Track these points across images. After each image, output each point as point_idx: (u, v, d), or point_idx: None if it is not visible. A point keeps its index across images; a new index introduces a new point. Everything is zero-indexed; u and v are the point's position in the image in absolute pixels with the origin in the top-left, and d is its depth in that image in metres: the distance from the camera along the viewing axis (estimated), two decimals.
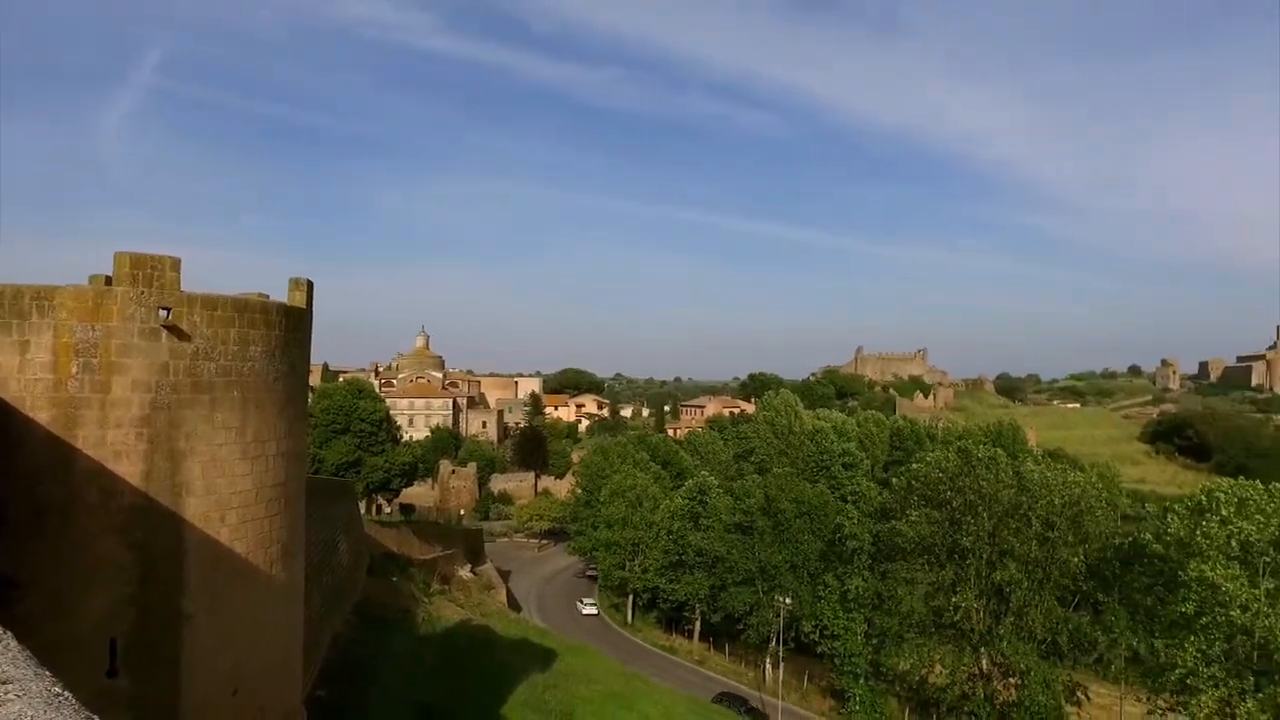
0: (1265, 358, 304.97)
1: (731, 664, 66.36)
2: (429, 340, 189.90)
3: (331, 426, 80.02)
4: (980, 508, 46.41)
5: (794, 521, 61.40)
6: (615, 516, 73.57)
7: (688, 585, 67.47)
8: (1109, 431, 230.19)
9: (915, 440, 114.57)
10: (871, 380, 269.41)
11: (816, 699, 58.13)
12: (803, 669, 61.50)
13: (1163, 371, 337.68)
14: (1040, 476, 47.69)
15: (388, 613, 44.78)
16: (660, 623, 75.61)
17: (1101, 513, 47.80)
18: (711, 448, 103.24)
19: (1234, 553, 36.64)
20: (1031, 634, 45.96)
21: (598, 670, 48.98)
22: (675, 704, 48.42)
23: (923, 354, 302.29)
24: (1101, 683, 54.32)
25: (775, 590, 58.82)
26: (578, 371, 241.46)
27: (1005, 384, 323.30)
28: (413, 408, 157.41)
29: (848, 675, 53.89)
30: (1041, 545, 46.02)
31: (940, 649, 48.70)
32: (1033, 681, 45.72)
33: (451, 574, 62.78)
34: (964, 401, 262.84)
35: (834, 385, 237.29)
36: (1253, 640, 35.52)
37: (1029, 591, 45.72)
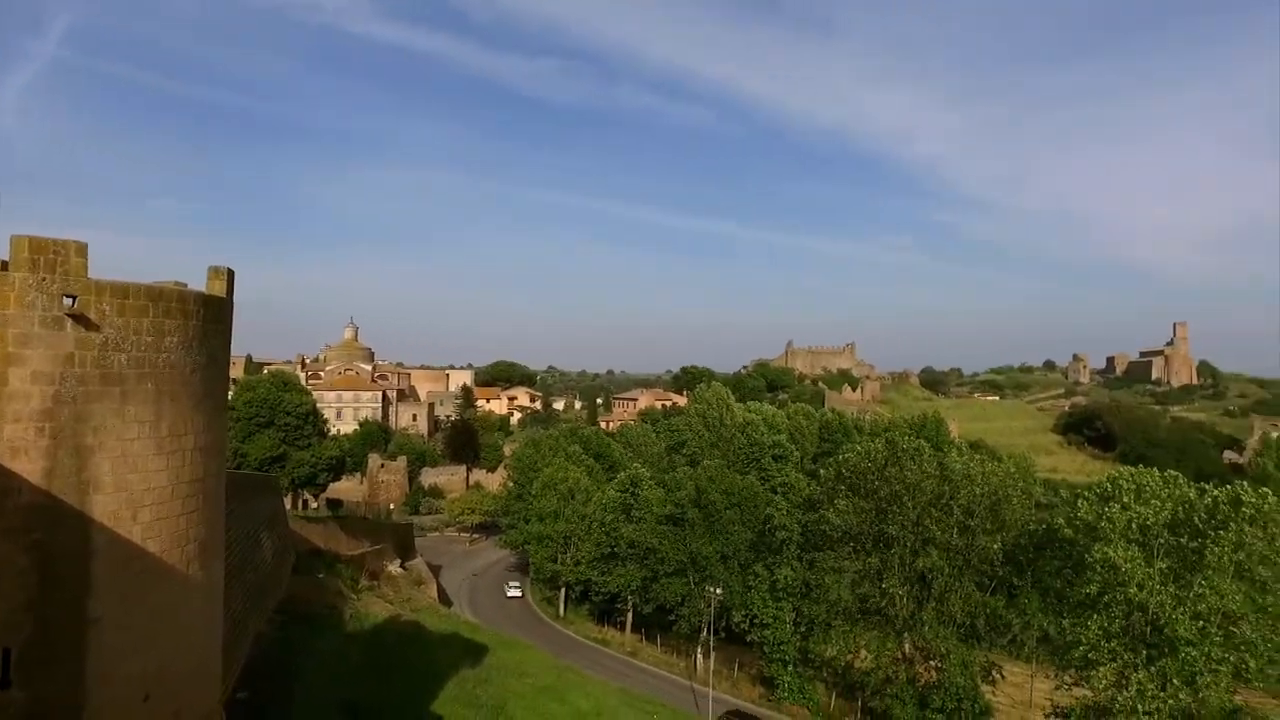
0: (1163, 353, 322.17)
1: (664, 654, 66.93)
2: (358, 332, 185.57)
3: (255, 420, 77.54)
4: (905, 497, 47.89)
5: (724, 513, 62.19)
6: (547, 509, 73.31)
7: (620, 577, 67.76)
8: (1025, 423, 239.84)
9: (843, 432, 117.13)
10: (801, 373, 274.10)
11: (747, 686, 59.11)
12: (733, 658, 62.42)
13: (1074, 366, 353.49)
14: (962, 467, 49.43)
15: (313, 610, 43.70)
16: (593, 615, 75.73)
17: (1017, 501, 49.82)
18: (644, 440, 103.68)
19: (1134, 536, 38.72)
20: (952, 618, 47.65)
21: (530, 664, 48.81)
22: (607, 696, 48.60)
23: (851, 348, 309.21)
24: (1015, 662, 56.75)
25: (706, 581, 59.53)
26: (510, 364, 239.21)
27: (929, 377, 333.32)
28: (341, 401, 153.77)
29: (777, 663, 54.94)
30: (962, 533, 47.75)
31: (866, 635, 50.13)
32: (952, 663, 47.46)
33: (380, 569, 61.63)
34: (890, 394, 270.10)
35: (765, 378, 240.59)
36: (1146, 616, 37.70)
37: (950, 578, 47.38)
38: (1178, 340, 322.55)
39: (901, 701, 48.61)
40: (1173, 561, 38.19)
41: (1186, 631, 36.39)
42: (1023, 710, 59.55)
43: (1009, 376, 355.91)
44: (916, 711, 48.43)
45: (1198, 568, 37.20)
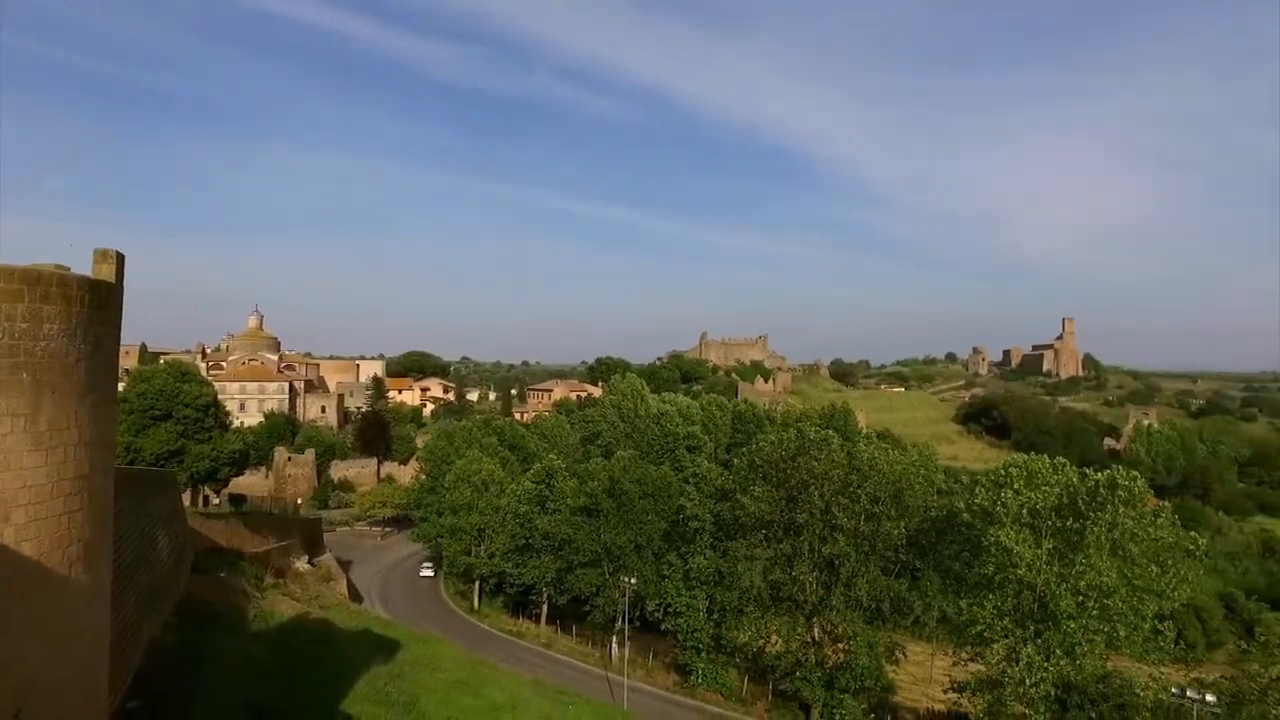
0: (1054, 347, 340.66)
1: (578, 645, 67.00)
2: (263, 320, 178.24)
3: (150, 413, 73.56)
4: (814, 486, 49.16)
5: (639, 503, 62.59)
6: (461, 502, 72.25)
7: (534, 569, 67.43)
8: (929, 413, 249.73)
9: (756, 423, 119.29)
10: (715, 365, 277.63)
11: (661, 674, 59.76)
12: (648, 646, 62.99)
13: (974, 359, 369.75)
14: (868, 456, 51.07)
15: (215, 611, 41.86)
16: (507, 607, 75.17)
17: (920, 488, 51.93)
18: (559, 431, 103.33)
19: (1025, 520, 40.97)
20: (858, 602, 49.24)
21: (443, 658, 48.06)
22: (521, 688, 48.32)
23: (764, 340, 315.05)
24: (917, 641, 59.23)
25: (620, 571, 59.84)
26: (423, 354, 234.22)
27: (839, 369, 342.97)
28: (245, 392, 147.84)
29: (691, 650, 55.74)
30: (868, 520, 49.35)
31: (777, 620, 51.33)
32: (858, 645, 49.11)
33: (287, 566, 59.57)
34: (801, 386, 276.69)
35: (679, 370, 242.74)
36: (1034, 594, 40.05)
37: (857, 563, 48.94)
38: (1066, 335, 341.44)
39: (810, 683, 50.08)
40: (1058, 542, 40.63)
41: (1068, 607, 38.91)
42: (924, 687, 62.25)
43: (914, 369, 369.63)
44: (824, 692, 50.00)
45: (1079, 547, 39.70)
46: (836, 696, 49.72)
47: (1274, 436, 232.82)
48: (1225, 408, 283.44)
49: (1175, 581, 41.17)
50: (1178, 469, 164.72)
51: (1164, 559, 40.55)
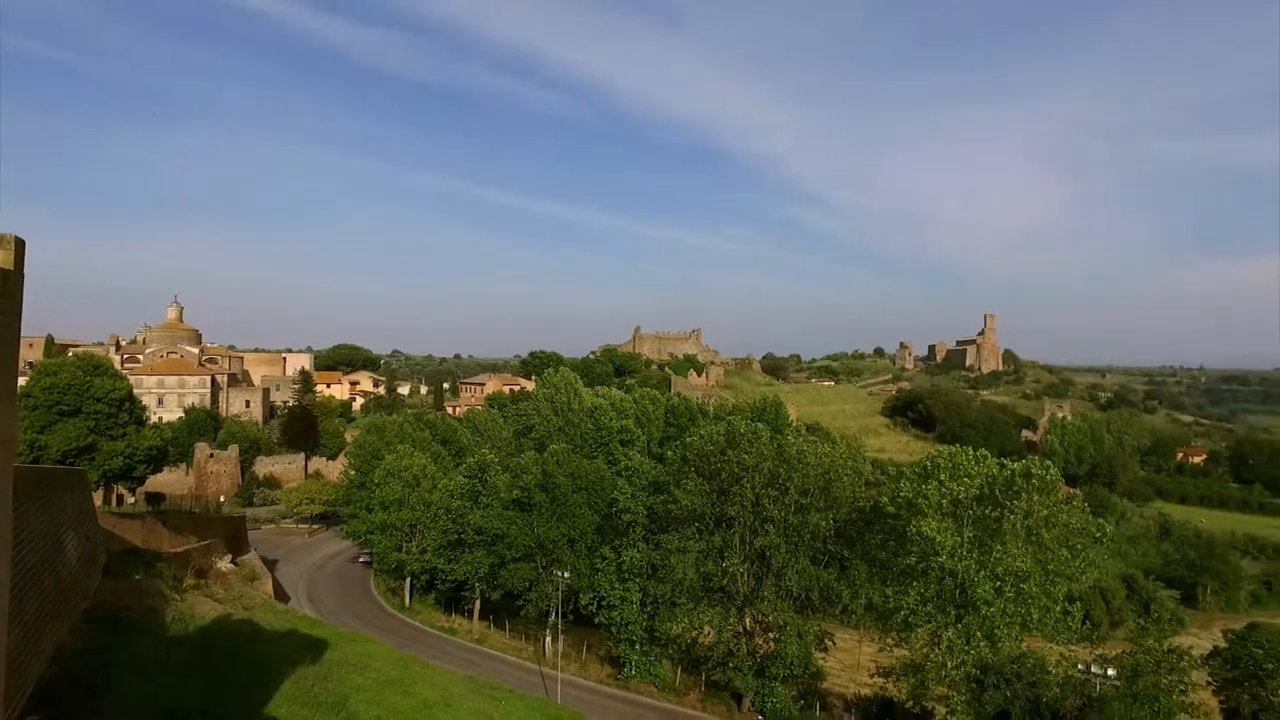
0: (976, 342, 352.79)
1: (512, 640, 66.70)
2: (182, 312, 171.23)
3: (57, 408, 70.08)
4: (744, 479, 49.93)
5: (572, 496, 62.57)
6: (391, 497, 70.98)
7: (467, 564, 66.80)
8: (857, 406, 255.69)
9: (688, 416, 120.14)
10: (648, 358, 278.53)
11: (595, 667, 59.97)
12: (581, 640, 63.10)
13: (901, 353, 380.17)
14: (796, 449, 52.09)
15: (129, 615, 40.19)
16: (439, 604, 74.29)
17: (848, 480, 53.11)
18: (491, 425, 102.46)
19: (947, 510, 42.51)
20: (789, 592, 50.25)
21: (373, 657, 47.19)
22: (454, 685, 47.83)
23: (697, 334, 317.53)
24: (845, 629, 60.66)
25: (554, 565, 59.76)
26: (352, 348, 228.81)
27: (771, 363, 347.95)
28: (163, 386, 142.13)
29: (624, 642, 56.05)
30: (797, 512, 50.36)
31: (709, 611, 51.99)
32: (788, 634, 50.12)
33: (209, 567, 57.54)
34: (733, 379, 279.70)
35: (613, 363, 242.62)
36: (956, 581, 41.65)
37: (786, 554, 49.90)
38: (987, 331, 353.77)
39: (742, 672, 50.95)
40: (978, 531, 42.30)
41: (986, 593, 40.64)
42: (852, 673, 64.03)
43: (843, 363, 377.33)
44: (756, 681, 50.96)
45: (997, 535, 41.43)
46: (767, 685, 50.72)
47: (1171, 427, 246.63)
48: (1130, 400, 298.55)
49: (1084, 565, 43.46)
50: (1087, 459, 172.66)
51: (1074, 544, 42.67)
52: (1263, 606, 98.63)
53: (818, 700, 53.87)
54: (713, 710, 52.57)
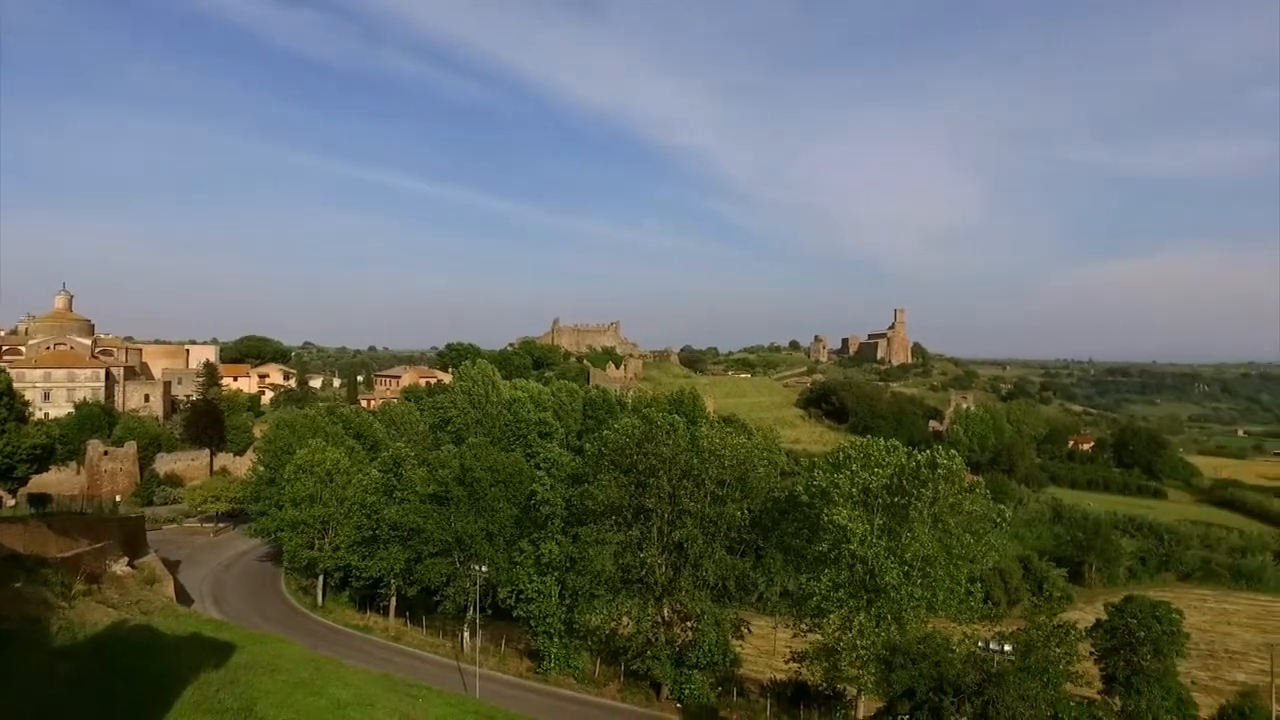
0: (887, 336, 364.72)
1: (429, 636, 65.74)
2: (72, 301, 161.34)
3: None
4: (661, 471, 50.41)
5: (490, 490, 61.99)
6: (302, 493, 68.80)
7: (382, 560, 65.41)
8: (773, 398, 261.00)
9: (606, 409, 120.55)
10: (567, 351, 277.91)
11: (514, 661, 59.65)
12: (500, 634, 62.66)
13: (815, 346, 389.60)
14: (712, 441, 52.88)
15: (7, 627, 37.78)
16: (354, 602, 72.54)
17: (763, 470, 54.26)
18: (407, 418, 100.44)
19: (858, 499, 44.00)
20: (706, 582, 50.99)
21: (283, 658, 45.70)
22: (369, 684, 46.78)
23: (615, 326, 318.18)
24: (761, 616, 62.07)
25: (471, 559, 59.11)
26: (261, 339, 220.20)
27: (689, 356, 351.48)
28: (50, 380, 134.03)
29: (543, 635, 55.92)
30: (714, 503, 51.13)
31: (628, 602, 52.36)
32: (706, 623, 50.93)
33: (102, 571, 54.61)
34: (652, 372, 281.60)
35: (531, 356, 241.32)
36: (866, 567, 43.21)
37: (703, 545, 50.62)
38: (897, 325, 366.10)
39: (661, 662, 51.53)
40: (887, 518, 43.95)
41: (894, 578, 42.33)
42: (768, 659, 65.51)
43: (760, 355, 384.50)
44: (674, 670, 51.62)
45: (905, 521, 43.14)
46: (686, 673, 51.45)
47: (1064, 417, 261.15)
48: (1028, 392, 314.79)
49: (985, 549, 45.71)
50: (989, 447, 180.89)
51: (976, 529, 44.83)
52: (1138, 580, 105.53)
53: (735, 686, 54.93)
54: (632, 700, 53.02)
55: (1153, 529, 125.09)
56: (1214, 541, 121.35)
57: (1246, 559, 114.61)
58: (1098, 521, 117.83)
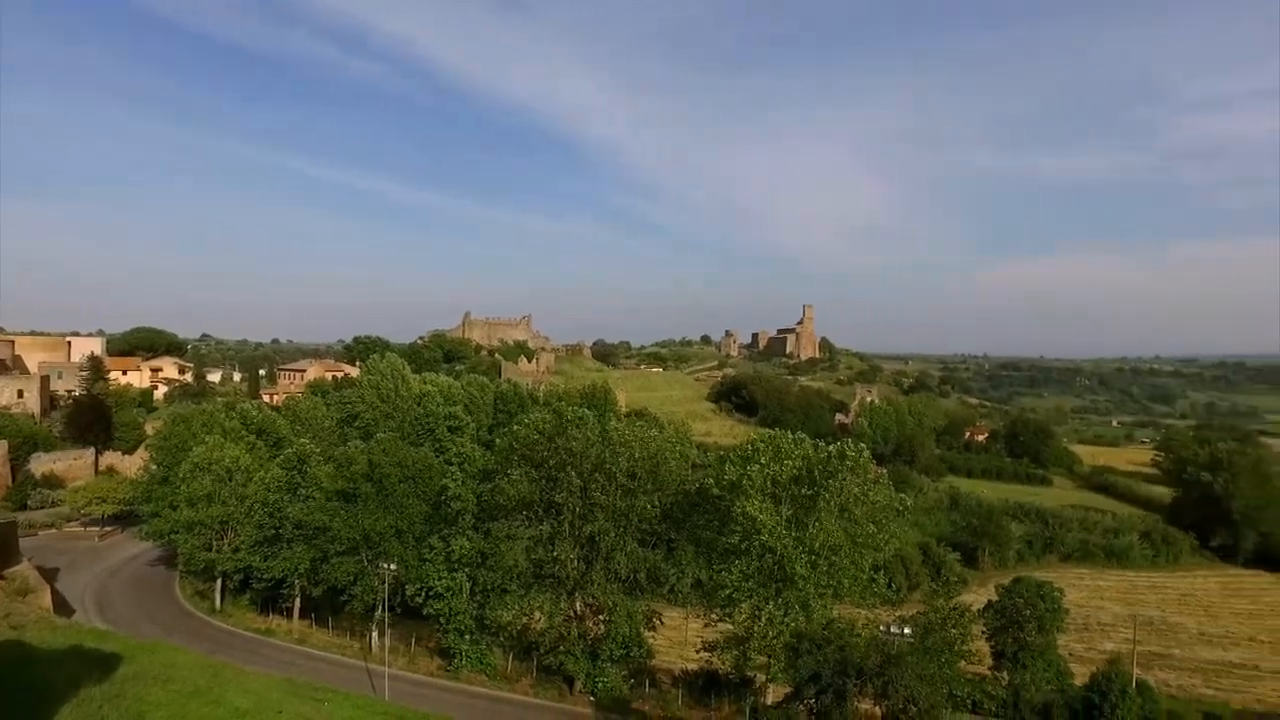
0: (795, 331, 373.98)
1: (336, 637, 63.93)
2: None
3: None
4: (571, 465, 50.40)
5: (398, 486, 60.72)
6: (199, 493, 65.71)
7: (285, 560, 63.18)
8: (685, 392, 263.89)
9: (518, 403, 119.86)
10: (478, 344, 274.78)
11: (424, 660, 58.64)
12: (409, 633, 61.49)
13: (726, 341, 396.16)
14: (622, 435, 53.17)
15: None
16: (255, 604, 69.78)
17: (675, 463, 54.85)
18: (313, 414, 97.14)
19: (768, 490, 45.09)
20: (617, 575, 51.30)
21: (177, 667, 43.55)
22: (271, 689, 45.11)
23: (527, 320, 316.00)
24: (673, 608, 62.83)
25: (380, 557, 57.81)
26: (154, 331, 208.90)
27: (601, 350, 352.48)
28: None
29: (453, 633, 55.15)
30: (625, 496, 51.46)
31: (540, 597, 52.20)
32: (618, 616, 51.26)
33: None
34: (564, 366, 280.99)
35: (442, 349, 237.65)
36: (775, 557, 44.36)
37: (615, 538, 50.92)
38: (806, 320, 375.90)
39: (574, 656, 51.58)
40: (795, 509, 45.20)
41: (802, 568, 43.62)
42: (680, 649, 66.38)
43: (672, 350, 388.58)
44: (588, 663, 51.77)
45: (812, 512, 44.45)
46: (599, 666, 51.67)
47: (961, 409, 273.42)
48: (928, 386, 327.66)
49: (888, 537, 47.57)
50: (892, 439, 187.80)
51: (879, 518, 46.58)
52: (1025, 563, 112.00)
53: (647, 678, 55.48)
54: (545, 696, 52.91)
55: (1039, 514, 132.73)
56: (1091, 524, 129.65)
57: (1118, 539, 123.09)
58: (990, 508, 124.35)
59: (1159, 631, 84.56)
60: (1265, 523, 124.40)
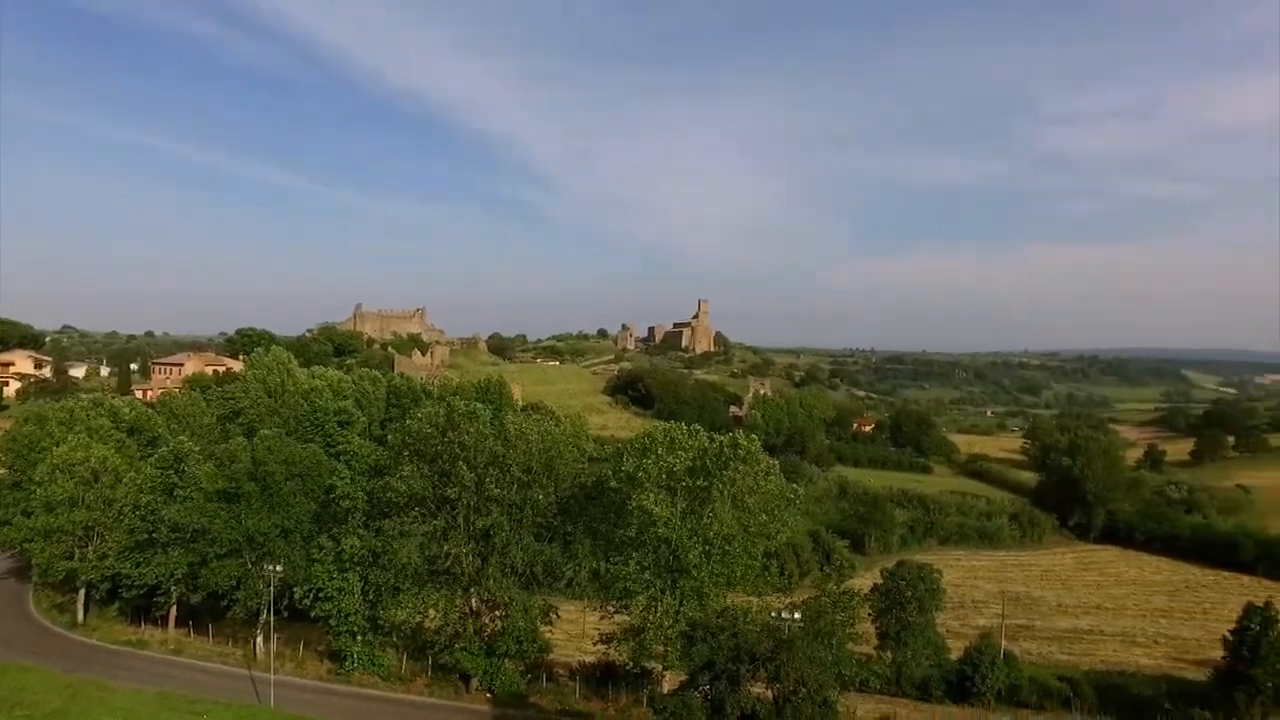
0: (691, 325, 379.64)
1: (217, 645, 61.03)
2: None
3: None
4: (464, 460, 49.69)
5: (285, 484, 58.33)
6: (59, 497, 61.04)
7: (160, 566, 59.41)
8: (581, 385, 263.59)
9: (411, 397, 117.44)
10: (371, 338, 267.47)
11: (314, 664, 56.67)
12: (298, 636, 59.33)
13: (623, 335, 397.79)
14: (518, 428, 52.83)
15: None
16: (125, 615, 65.65)
17: (570, 457, 54.96)
18: (192, 410, 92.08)
19: (663, 482, 45.78)
20: (513, 569, 50.99)
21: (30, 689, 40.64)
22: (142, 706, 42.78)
23: (421, 313, 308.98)
24: (570, 601, 62.99)
25: (265, 559, 55.43)
26: (8, 323, 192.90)
27: (497, 343, 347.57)
28: None
29: (344, 634, 53.50)
30: (520, 489, 51.16)
31: (434, 594, 51.32)
32: (515, 611, 51.00)
33: None
34: (459, 359, 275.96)
35: (332, 343, 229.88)
36: (670, 548, 45.17)
37: (510, 532, 50.57)
38: (701, 314, 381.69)
39: (470, 653, 50.95)
40: (690, 500, 46.05)
41: (697, 558, 44.57)
42: (578, 642, 66.55)
43: (568, 343, 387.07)
44: (484, 660, 51.25)
45: (706, 503, 45.42)
46: (495, 662, 51.24)
47: (850, 401, 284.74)
48: (818, 378, 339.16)
49: (779, 526, 49.13)
50: (784, 430, 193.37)
51: (772, 508, 48.01)
52: (908, 547, 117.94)
53: (544, 672, 55.42)
54: (440, 694, 52.12)
55: (920, 500, 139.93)
56: (967, 509, 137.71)
57: (990, 522, 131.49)
58: (876, 496, 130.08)
59: (1024, 605, 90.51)
60: (1112, 502, 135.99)
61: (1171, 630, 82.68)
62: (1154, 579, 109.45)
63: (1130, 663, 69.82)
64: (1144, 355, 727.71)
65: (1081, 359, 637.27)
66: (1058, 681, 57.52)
